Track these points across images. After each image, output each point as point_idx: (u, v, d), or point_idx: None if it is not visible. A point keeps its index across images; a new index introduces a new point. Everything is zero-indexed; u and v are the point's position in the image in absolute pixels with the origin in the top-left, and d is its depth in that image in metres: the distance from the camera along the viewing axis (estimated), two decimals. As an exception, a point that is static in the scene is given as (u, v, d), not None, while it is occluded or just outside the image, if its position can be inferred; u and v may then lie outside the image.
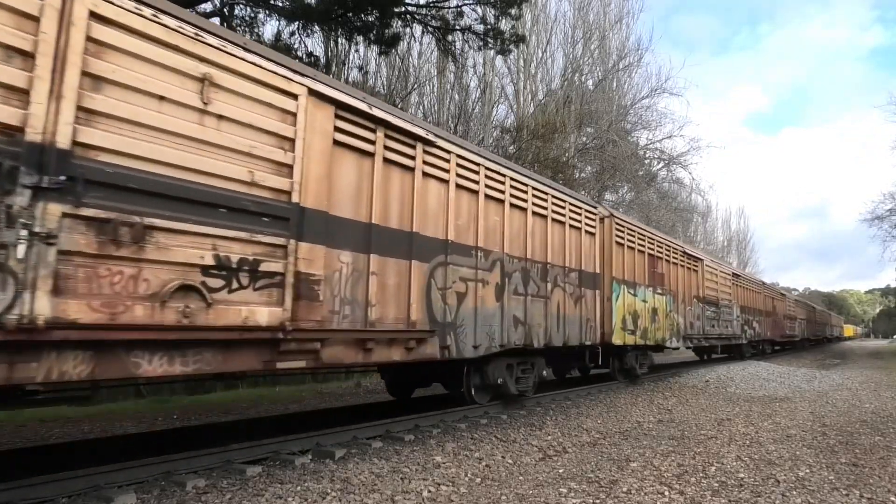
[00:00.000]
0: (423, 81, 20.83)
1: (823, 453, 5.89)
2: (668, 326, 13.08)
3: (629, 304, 11.07)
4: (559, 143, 21.82)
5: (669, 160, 27.85)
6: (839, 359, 28.48)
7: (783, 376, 15.40)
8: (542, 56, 23.93)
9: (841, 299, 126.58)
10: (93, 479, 3.92)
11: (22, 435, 6.65)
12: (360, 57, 18.45)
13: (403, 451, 5.52)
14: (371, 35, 12.65)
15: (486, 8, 14.05)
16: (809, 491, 4.50)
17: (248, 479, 4.39)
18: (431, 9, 13.82)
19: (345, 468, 4.77)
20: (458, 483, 4.56)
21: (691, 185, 32.17)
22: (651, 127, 27.03)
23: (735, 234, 57.21)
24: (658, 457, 5.57)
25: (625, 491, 4.40)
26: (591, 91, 24.16)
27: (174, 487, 4.09)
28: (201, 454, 4.66)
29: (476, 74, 21.45)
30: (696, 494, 4.34)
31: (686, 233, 36.30)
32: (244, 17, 13.33)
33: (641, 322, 11.57)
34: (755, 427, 7.38)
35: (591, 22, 25.05)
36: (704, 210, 41.13)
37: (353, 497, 4.08)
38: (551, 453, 5.73)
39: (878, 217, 32.09)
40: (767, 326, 24.48)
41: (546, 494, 4.28)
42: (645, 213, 26.35)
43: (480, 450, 5.71)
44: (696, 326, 15.07)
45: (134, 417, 7.92)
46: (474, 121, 21.15)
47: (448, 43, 15.11)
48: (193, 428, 6.69)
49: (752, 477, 4.88)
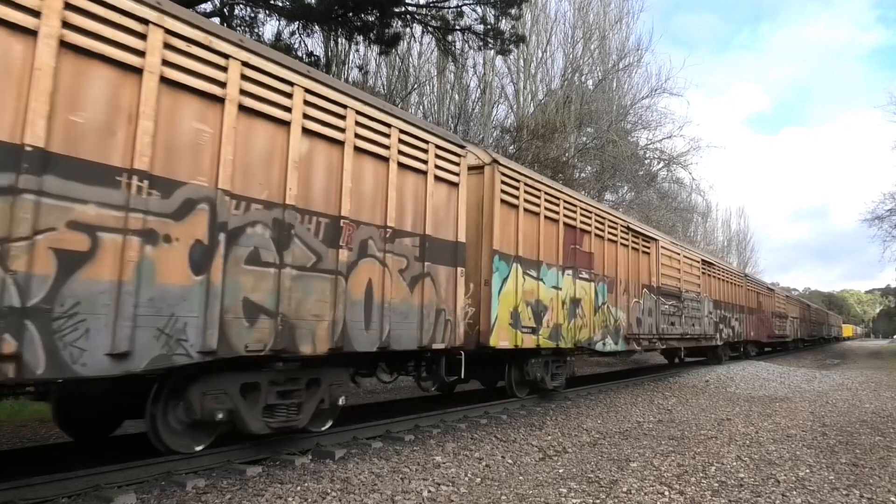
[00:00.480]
0: (423, 81, 20.87)
1: (823, 453, 5.89)
2: (600, 323, 10.13)
3: (528, 290, 8.12)
4: (559, 142, 21.82)
5: (669, 160, 27.85)
6: (839, 359, 28.49)
7: (783, 376, 15.40)
8: (542, 56, 23.95)
9: (841, 299, 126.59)
10: (93, 479, 3.92)
11: (22, 435, 6.65)
12: (360, 57, 18.49)
13: (403, 451, 5.52)
14: (371, 35, 12.65)
15: (486, 8, 14.04)
16: (809, 491, 4.50)
17: (248, 479, 4.39)
18: (431, 9, 13.82)
19: (345, 468, 4.76)
20: (458, 483, 4.56)
21: (691, 185, 32.15)
22: (651, 127, 27.04)
23: (735, 234, 57.22)
24: (658, 457, 5.57)
25: (625, 491, 4.40)
26: (591, 91, 24.16)
27: (174, 487, 4.08)
28: (201, 454, 4.66)
29: (476, 74, 21.48)
30: (696, 494, 4.34)
31: (686, 233, 36.30)
32: (244, 17, 13.35)
33: (550, 316, 8.64)
34: (755, 427, 7.38)
35: (591, 22, 25.06)
36: (704, 210, 41.09)
37: (353, 497, 4.08)
38: (551, 453, 5.73)
39: (878, 217, 32.12)
40: (751, 325, 21.63)
41: (546, 494, 4.28)
42: (645, 212, 26.34)
43: (480, 450, 5.71)
44: (646, 324, 12.04)
45: (134, 417, 7.91)
46: (474, 121, 21.18)
47: (448, 43, 15.12)
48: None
49: (752, 477, 4.88)
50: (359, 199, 5.46)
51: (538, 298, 8.38)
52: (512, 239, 7.90)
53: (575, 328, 9.34)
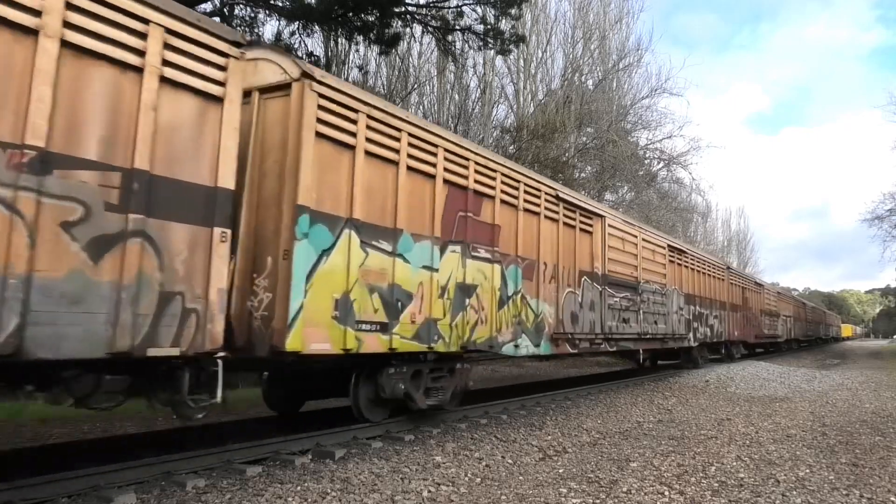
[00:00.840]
0: (423, 81, 20.89)
1: (823, 453, 5.89)
2: (510, 319, 7.66)
3: (372, 270, 5.67)
4: (559, 143, 21.84)
5: (669, 160, 27.89)
6: (839, 359, 28.50)
7: (783, 376, 15.41)
8: (542, 56, 23.98)
9: (841, 299, 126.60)
10: (93, 479, 3.92)
11: (22, 435, 6.65)
12: (360, 57, 18.51)
13: (403, 451, 5.52)
14: (371, 35, 12.65)
15: (486, 8, 14.05)
16: (809, 491, 4.50)
17: (248, 479, 4.39)
18: (431, 9, 13.83)
19: (345, 468, 4.77)
20: (458, 483, 4.56)
21: (691, 185, 32.21)
22: (651, 127, 27.08)
23: (735, 234, 57.30)
24: (658, 457, 5.57)
25: (625, 491, 4.40)
26: (591, 91, 24.18)
27: (174, 487, 4.09)
28: (201, 454, 4.67)
29: (476, 74, 21.51)
30: (696, 494, 4.35)
31: (686, 232, 36.32)
32: (244, 17, 13.35)
33: (418, 308, 6.18)
34: (755, 427, 7.38)
35: (591, 22, 25.09)
36: (704, 210, 41.12)
37: (353, 497, 4.08)
38: (551, 453, 5.73)
39: (878, 217, 32.12)
40: (735, 324, 19.21)
41: (546, 494, 4.28)
42: (645, 212, 26.36)
43: (480, 450, 5.71)
44: (585, 321, 9.50)
45: (134, 417, 7.91)
46: (474, 121, 21.19)
47: (448, 43, 15.12)
48: (193, 428, 6.69)
49: (752, 477, 4.88)
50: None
51: (393, 282, 5.88)
52: (343, 194, 5.44)
53: (464, 325, 6.82)
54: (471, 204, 7.08)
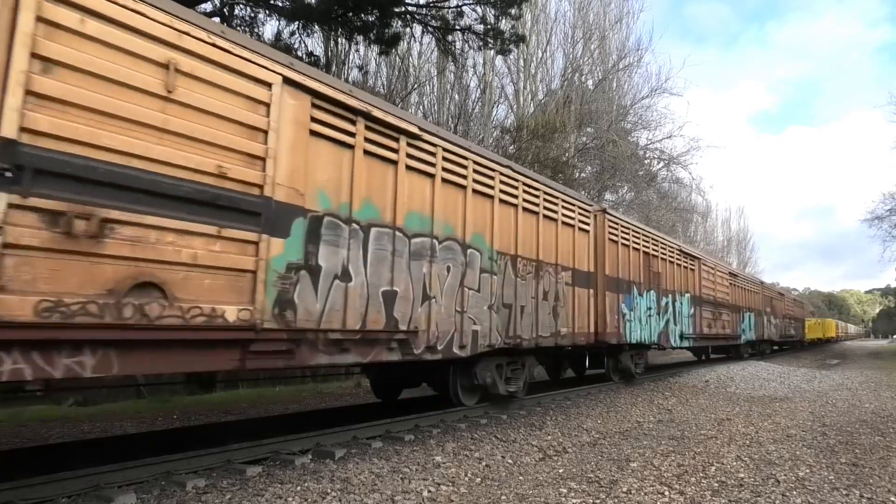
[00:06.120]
0: (423, 81, 20.86)
1: (823, 453, 5.89)
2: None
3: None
4: (559, 143, 21.83)
5: (669, 160, 27.87)
6: (839, 359, 28.50)
7: (783, 376, 15.41)
8: (542, 56, 23.96)
9: (841, 299, 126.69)
10: (93, 479, 3.92)
11: (22, 435, 6.65)
12: (360, 57, 18.50)
13: (403, 451, 5.52)
14: (371, 35, 12.64)
15: (486, 8, 14.04)
16: (809, 491, 4.50)
17: (248, 479, 4.39)
18: (431, 9, 13.82)
19: (345, 468, 4.77)
20: (458, 483, 4.56)
21: (691, 185, 32.22)
22: (651, 127, 27.08)
23: (735, 234, 57.36)
24: (658, 457, 5.57)
25: (625, 491, 4.40)
26: (591, 91, 24.17)
27: (174, 487, 4.09)
28: (201, 454, 4.67)
29: (476, 74, 21.48)
30: (696, 494, 4.35)
31: (686, 232, 36.32)
32: (244, 17, 13.34)
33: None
34: (755, 427, 7.38)
35: (591, 22, 25.08)
36: (704, 210, 41.19)
37: (353, 497, 4.08)
38: (551, 453, 5.73)
39: (877, 217, 32.18)
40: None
41: (546, 494, 4.28)
42: (645, 212, 26.35)
43: (480, 450, 5.71)
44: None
45: (134, 417, 7.92)
46: (474, 121, 21.17)
47: (448, 43, 15.11)
48: (193, 428, 6.70)
49: (752, 477, 4.88)
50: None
51: None
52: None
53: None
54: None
